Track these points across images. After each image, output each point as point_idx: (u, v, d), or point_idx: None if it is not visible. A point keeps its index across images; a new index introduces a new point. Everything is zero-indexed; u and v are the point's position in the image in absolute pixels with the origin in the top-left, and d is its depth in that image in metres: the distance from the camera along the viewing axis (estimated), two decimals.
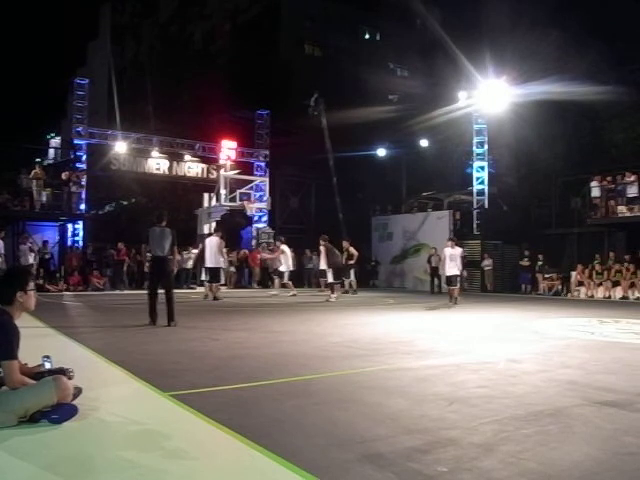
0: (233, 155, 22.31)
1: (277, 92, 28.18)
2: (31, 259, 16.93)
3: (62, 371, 3.74)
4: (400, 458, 2.91)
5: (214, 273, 14.43)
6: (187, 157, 23.16)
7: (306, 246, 22.49)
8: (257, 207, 21.29)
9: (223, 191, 19.59)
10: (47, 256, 19.11)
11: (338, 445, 3.11)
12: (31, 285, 3.70)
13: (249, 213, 20.88)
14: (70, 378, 3.74)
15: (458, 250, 14.39)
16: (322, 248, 15.41)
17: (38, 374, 3.67)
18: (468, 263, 19.76)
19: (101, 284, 18.43)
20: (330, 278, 15.30)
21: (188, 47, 34.58)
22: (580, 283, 17.81)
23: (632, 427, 3.50)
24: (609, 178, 18.49)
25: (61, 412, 3.44)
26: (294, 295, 16.30)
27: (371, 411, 3.85)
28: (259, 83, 28.19)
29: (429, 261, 19.47)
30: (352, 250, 17.00)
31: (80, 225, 20.91)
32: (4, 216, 18.75)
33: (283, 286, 17.31)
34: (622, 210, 17.81)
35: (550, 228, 21.11)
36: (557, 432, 3.39)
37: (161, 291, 8.73)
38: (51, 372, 3.69)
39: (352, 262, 17.25)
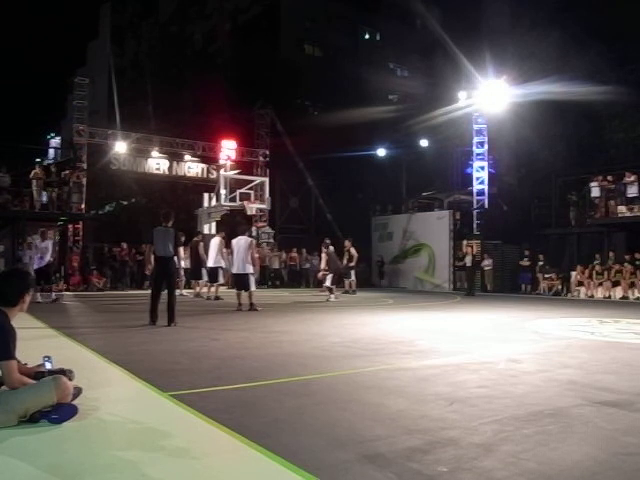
0: (233, 155, 22.30)
1: (277, 92, 28.19)
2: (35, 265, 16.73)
3: (62, 372, 3.74)
4: (400, 458, 2.91)
5: (214, 273, 14.60)
6: (187, 157, 23.13)
7: (306, 246, 22.51)
8: (257, 207, 21.29)
9: (223, 191, 19.57)
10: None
11: (338, 445, 3.11)
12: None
13: (249, 213, 20.87)
14: (70, 379, 3.75)
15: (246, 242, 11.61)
16: (323, 255, 15.51)
17: (38, 374, 3.68)
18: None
19: (101, 284, 18.43)
20: (328, 282, 15.30)
21: (188, 47, 34.55)
22: (580, 283, 17.81)
23: (632, 427, 3.50)
24: (609, 178, 18.49)
25: (61, 412, 3.44)
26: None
27: (371, 411, 3.85)
28: (259, 83, 28.20)
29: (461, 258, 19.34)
30: (353, 251, 16.98)
31: (80, 225, 20.90)
32: (4, 216, 18.75)
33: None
34: (622, 210, 17.80)
35: (550, 228, 21.12)
36: (557, 432, 3.39)
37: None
38: (51, 372, 3.70)
39: (352, 264, 17.23)
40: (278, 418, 3.64)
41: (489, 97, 19.72)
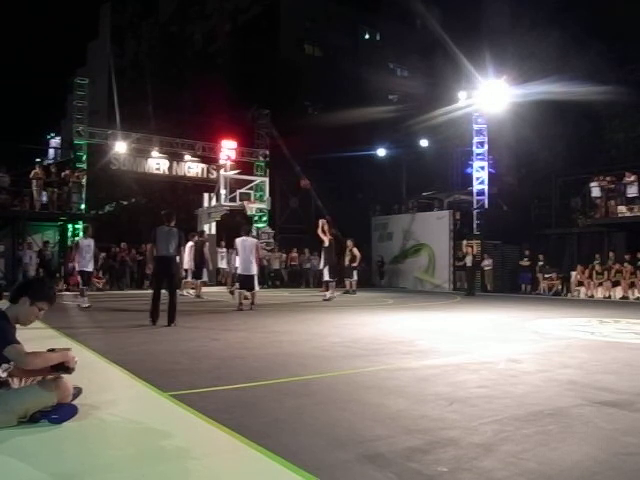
0: (233, 155, 22.30)
1: (277, 92, 28.19)
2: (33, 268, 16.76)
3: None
4: (400, 458, 2.91)
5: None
6: (187, 157, 23.14)
7: (306, 246, 22.50)
8: (257, 207, 21.30)
9: (223, 191, 19.59)
10: (47, 256, 19.12)
11: (338, 445, 3.11)
12: (42, 305, 3.63)
13: (249, 213, 20.88)
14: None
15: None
16: (326, 239, 15.08)
17: (50, 350, 3.69)
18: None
19: (101, 284, 18.42)
20: (326, 276, 15.03)
21: (188, 47, 34.55)
22: (580, 283, 17.81)
23: (632, 427, 3.50)
24: (609, 178, 18.49)
25: (61, 412, 3.44)
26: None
27: (371, 411, 3.85)
28: (259, 83, 28.20)
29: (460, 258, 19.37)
30: (355, 251, 16.90)
31: (80, 225, 20.89)
32: (4, 216, 18.74)
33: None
34: (622, 210, 17.81)
35: (550, 228, 21.11)
36: (557, 432, 3.39)
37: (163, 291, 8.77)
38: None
39: (355, 264, 17.15)
40: (278, 418, 3.64)
41: (489, 97, 19.72)
